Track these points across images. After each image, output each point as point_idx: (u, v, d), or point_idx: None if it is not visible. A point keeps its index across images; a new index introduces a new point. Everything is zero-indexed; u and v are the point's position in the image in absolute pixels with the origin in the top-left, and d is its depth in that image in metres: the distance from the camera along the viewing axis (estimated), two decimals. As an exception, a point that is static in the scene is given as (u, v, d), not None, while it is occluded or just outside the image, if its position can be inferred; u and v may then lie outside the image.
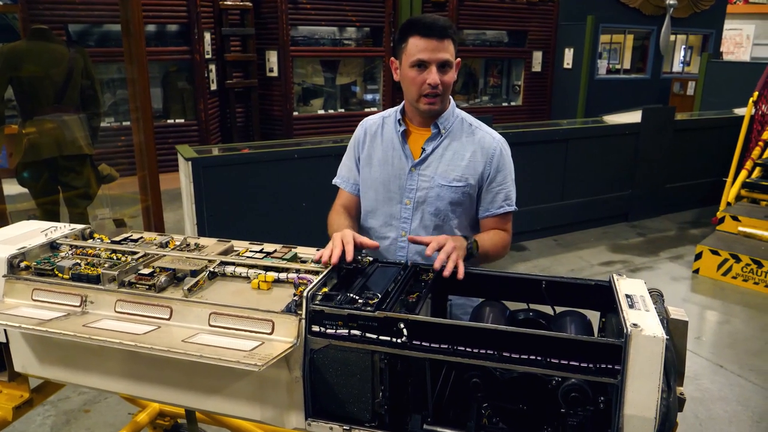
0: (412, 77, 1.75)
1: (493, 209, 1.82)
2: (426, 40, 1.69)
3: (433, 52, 1.70)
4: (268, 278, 1.47)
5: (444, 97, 1.77)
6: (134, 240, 1.74)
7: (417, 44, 1.71)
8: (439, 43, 1.69)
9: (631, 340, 1.16)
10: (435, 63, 1.71)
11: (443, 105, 1.79)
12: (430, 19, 1.71)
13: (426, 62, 1.71)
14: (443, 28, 1.70)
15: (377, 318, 1.28)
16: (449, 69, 1.73)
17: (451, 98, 1.88)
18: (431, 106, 1.76)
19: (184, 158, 4.10)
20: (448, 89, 1.76)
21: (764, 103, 6.14)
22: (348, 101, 9.90)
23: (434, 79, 1.71)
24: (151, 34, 8.14)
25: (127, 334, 1.31)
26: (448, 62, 1.72)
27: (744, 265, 4.89)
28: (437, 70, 1.71)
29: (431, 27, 1.69)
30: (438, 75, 1.71)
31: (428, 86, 1.72)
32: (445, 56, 1.70)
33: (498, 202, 1.82)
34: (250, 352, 1.24)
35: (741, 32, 21.16)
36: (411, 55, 1.72)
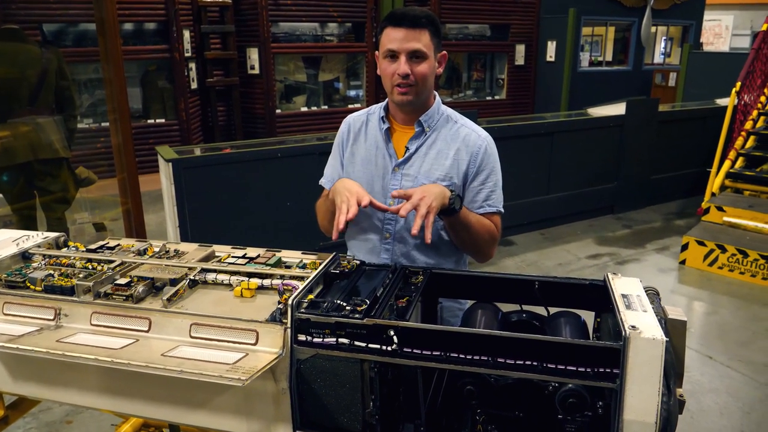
0: (384, 68, 1.70)
1: (476, 208, 1.77)
2: (396, 29, 1.64)
3: (402, 41, 1.64)
4: (251, 285, 1.41)
5: (419, 89, 1.69)
6: (111, 248, 1.67)
7: (389, 34, 1.66)
8: (409, 32, 1.63)
9: (630, 343, 1.12)
10: (404, 53, 1.64)
11: (419, 97, 1.71)
12: (404, 10, 1.67)
13: (396, 52, 1.65)
14: (415, 17, 1.64)
15: (366, 325, 1.22)
16: (422, 60, 1.66)
17: (437, 95, 1.82)
18: (403, 96, 1.69)
19: (164, 159, 4.01)
20: (422, 80, 1.68)
21: (746, 93, 6.17)
22: (331, 98, 9.82)
23: (403, 69, 1.64)
24: (129, 33, 8.00)
25: (104, 349, 1.25)
26: (418, 52, 1.64)
27: (730, 255, 4.90)
28: (408, 59, 1.64)
29: (403, 16, 1.64)
30: (409, 65, 1.65)
31: (398, 76, 1.66)
32: (415, 45, 1.63)
33: (478, 202, 1.76)
34: (233, 365, 1.18)
35: (720, 23, 21.38)
36: (383, 45, 1.68)
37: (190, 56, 8.13)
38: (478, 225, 1.72)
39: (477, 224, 1.72)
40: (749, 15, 21.44)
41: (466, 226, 1.69)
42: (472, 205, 1.77)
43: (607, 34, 12.49)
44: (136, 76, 8.14)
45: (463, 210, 1.67)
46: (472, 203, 1.77)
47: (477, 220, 1.73)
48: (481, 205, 1.77)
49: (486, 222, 1.76)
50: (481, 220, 1.74)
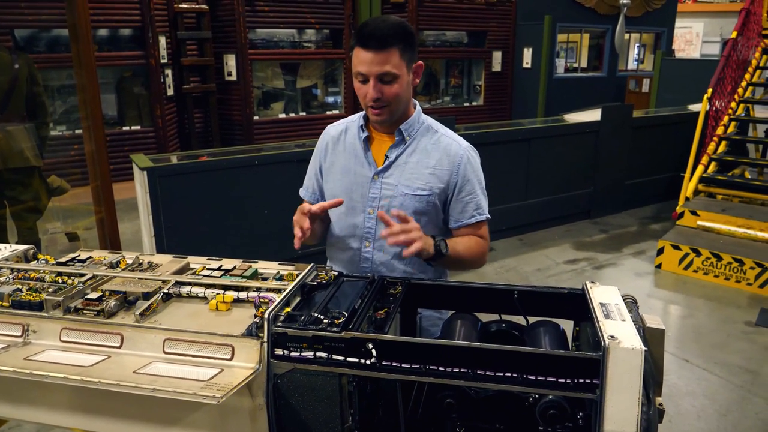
0: (357, 88, 1.68)
1: (464, 219, 1.76)
2: (365, 51, 1.59)
3: (371, 64, 1.59)
4: (226, 298, 1.39)
5: (393, 108, 1.67)
6: (82, 260, 1.63)
7: (358, 55, 1.61)
8: (377, 55, 1.58)
9: (609, 353, 1.12)
10: (374, 76, 1.60)
11: (394, 115, 1.70)
12: (372, 27, 1.60)
13: (365, 75, 1.61)
14: (383, 38, 1.57)
15: (344, 339, 1.21)
16: (393, 81, 1.62)
17: (417, 104, 1.81)
18: (377, 117, 1.68)
19: (139, 168, 3.94)
20: (395, 100, 1.65)
21: (717, 99, 6.29)
22: (309, 104, 9.78)
23: (371, 94, 1.61)
24: (103, 39, 7.88)
25: (73, 366, 1.21)
26: (388, 74, 1.60)
27: (704, 258, 4.98)
28: (378, 82, 1.61)
29: (370, 37, 1.58)
30: (379, 87, 1.61)
31: (370, 99, 1.64)
32: (384, 69, 1.59)
33: (469, 211, 1.76)
34: (207, 382, 1.15)
35: (691, 30, 21.82)
36: (354, 65, 1.64)
37: (166, 62, 8.03)
38: (467, 252, 1.72)
39: (466, 252, 1.72)
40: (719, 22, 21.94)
41: (458, 259, 1.70)
42: (462, 216, 1.76)
43: (582, 41, 12.67)
44: (111, 82, 8.02)
45: (451, 246, 1.65)
46: (462, 214, 1.76)
47: (466, 247, 1.72)
48: (472, 214, 1.76)
49: (474, 243, 1.75)
50: (470, 246, 1.73)
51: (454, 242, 1.69)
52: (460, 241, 1.72)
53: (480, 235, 1.78)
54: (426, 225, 1.74)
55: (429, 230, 1.77)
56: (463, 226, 1.76)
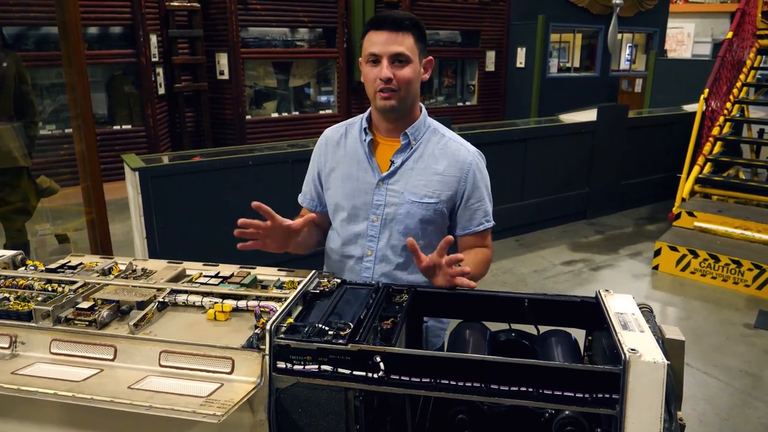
0: (366, 73, 1.63)
1: (472, 227, 1.70)
2: (378, 32, 1.58)
3: (384, 45, 1.57)
4: (225, 308, 1.32)
5: (403, 94, 1.61)
6: (73, 267, 1.56)
7: (371, 38, 1.60)
8: (391, 35, 1.57)
9: (630, 366, 1.07)
10: (386, 56, 1.58)
11: (403, 103, 1.63)
12: (387, 12, 1.62)
13: (378, 56, 1.58)
14: (398, 20, 1.58)
15: (350, 351, 1.15)
16: (405, 64, 1.59)
17: (423, 107, 1.74)
18: (386, 102, 1.61)
19: (130, 168, 3.86)
20: (406, 85, 1.60)
21: (713, 99, 6.28)
22: (302, 103, 9.71)
23: (385, 73, 1.57)
24: (93, 37, 7.77)
25: (64, 381, 1.14)
26: (401, 55, 1.58)
27: (702, 260, 4.96)
28: (390, 63, 1.58)
29: (385, 19, 1.59)
30: (392, 69, 1.58)
31: (380, 81, 1.58)
32: (397, 49, 1.57)
33: (477, 219, 1.70)
34: (207, 398, 1.09)
35: (682, 30, 21.91)
36: (365, 49, 1.61)
37: (158, 61, 7.93)
38: (476, 268, 1.65)
39: (475, 268, 1.65)
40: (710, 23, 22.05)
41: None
42: (469, 224, 1.70)
43: (575, 41, 12.66)
44: (101, 81, 7.91)
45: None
46: (470, 221, 1.70)
47: (475, 263, 1.65)
48: (480, 222, 1.70)
49: (481, 257, 1.70)
50: (477, 261, 1.67)
51: (464, 262, 1.60)
52: (471, 260, 1.65)
53: (485, 245, 1.73)
54: (432, 234, 1.68)
55: (435, 239, 1.71)
56: (470, 234, 1.70)
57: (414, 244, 1.46)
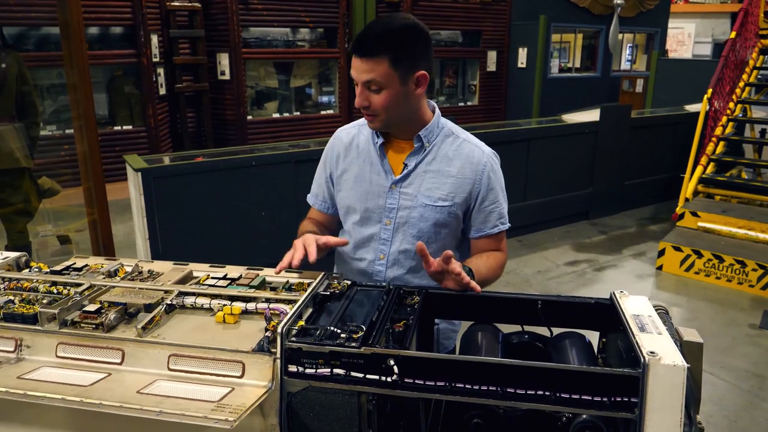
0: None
1: (487, 229, 1.67)
2: (354, 56, 1.52)
3: (356, 70, 1.52)
4: (234, 310, 1.30)
5: (383, 117, 1.57)
6: (78, 269, 1.54)
7: (352, 58, 1.54)
8: (362, 63, 1.50)
9: (650, 370, 1.05)
10: (360, 83, 1.53)
11: (388, 124, 1.60)
12: (365, 31, 1.52)
13: (355, 80, 1.55)
14: (371, 46, 1.48)
15: (363, 354, 1.12)
16: (380, 90, 1.52)
17: (437, 107, 1.70)
18: (370, 124, 1.62)
19: (133, 169, 3.84)
20: (383, 110, 1.54)
21: (717, 99, 6.26)
22: (303, 104, 9.68)
23: (357, 101, 1.55)
24: (94, 37, 7.75)
25: (71, 386, 1.12)
26: (372, 82, 1.50)
27: (706, 260, 4.94)
28: (364, 89, 1.53)
29: (360, 41, 1.50)
30: (366, 95, 1.53)
31: (357, 105, 1.57)
32: (368, 77, 1.50)
33: (492, 221, 1.67)
34: (218, 403, 1.07)
35: (683, 30, 21.89)
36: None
37: (159, 61, 7.91)
38: (489, 272, 1.62)
39: (489, 272, 1.62)
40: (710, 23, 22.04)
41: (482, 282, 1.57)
42: (484, 226, 1.67)
43: (576, 41, 12.64)
44: (101, 81, 7.88)
45: (476, 271, 1.53)
46: (484, 224, 1.68)
47: (488, 268, 1.62)
48: (495, 224, 1.68)
49: (494, 262, 1.66)
50: (491, 266, 1.64)
51: (476, 265, 1.57)
52: (483, 263, 1.61)
53: (500, 248, 1.70)
54: (446, 237, 1.66)
55: (449, 242, 1.69)
56: (484, 237, 1.68)
57: (423, 249, 1.43)
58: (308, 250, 1.46)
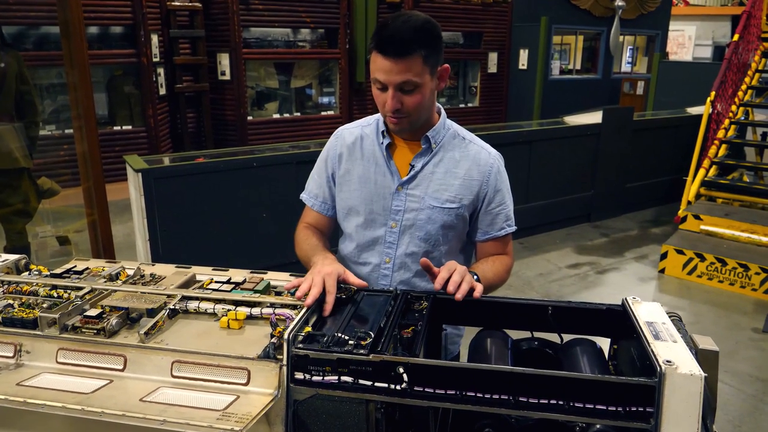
0: (376, 95, 1.54)
1: (494, 232, 1.65)
2: (383, 58, 1.44)
3: (389, 73, 1.45)
4: (239, 315, 1.27)
5: (413, 118, 1.54)
6: (78, 272, 1.51)
7: (376, 61, 1.47)
8: (395, 64, 1.43)
9: (666, 379, 1.02)
10: (393, 85, 1.47)
11: (415, 125, 1.57)
12: (393, 30, 1.44)
13: (383, 84, 1.48)
14: (403, 44, 1.42)
15: (372, 362, 1.10)
16: (414, 90, 1.48)
17: (442, 109, 1.68)
18: (396, 126, 1.56)
19: (133, 170, 3.81)
20: (415, 110, 1.51)
21: (719, 102, 6.24)
22: (304, 105, 9.66)
23: (390, 105, 1.48)
24: (94, 37, 7.72)
25: (72, 393, 1.09)
26: (408, 83, 1.46)
27: (708, 263, 4.92)
28: (397, 92, 1.48)
29: (390, 42, 1.43)
30: (399, 96, 1.48)
31: (388, 110, 1.51)
32: (404, 78, 1.45)
33: (499, 223, 1.65)
34: (223, 411, 1.04)
35: (683, 33, 21.91)
36: (372, 72, 1.50)
37: (159, 61, 7.88)
38: (495, 277, 1.60)
39: (495, 277, 1.59)
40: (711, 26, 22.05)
41: (488, 289, 1.56)
42: (491, 228, 1.65)
43: (577, 43, 12.63)
44: (101, 81, 7.85)
45: (482, 276, 1.51)
46: (491, 226, 1.65)
47: (494, 273, 1.59)
48: (501, 226, 1.65)
49: (500, 266, 1.63)
50: (497, 271, 1.61)
51: (482, 271, 1.55)
52: (488, 268, 1.59)
53: (506, 252, 1.68)
54: (452, 240, 1.63)
55: (455, 246, 1.66)
56: (491, 239, 1.65)
57: (428, 263, 1.41)
58: (327, 300, 1.29)
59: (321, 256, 1.51)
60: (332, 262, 1.44)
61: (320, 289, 1.30)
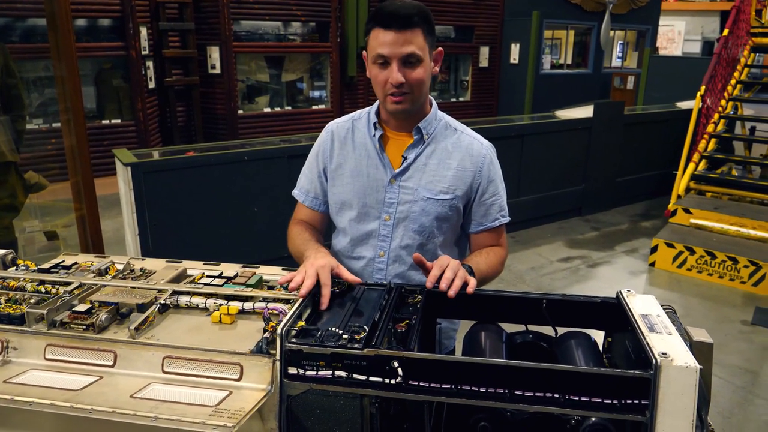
0: (375, 75, 1.52)
1: (488, 222, 1.64)
2: (386, 32, 1.45)
3: (393, 45, 1.45)
4: (231, 310, 1.25)
5: (415, 96, 1.53)
6: (67, 267, 1.48)
7: (377, 37, 1.47)
8: (400, 35, 1.45)
9: (662, 371, 1.02)
10: (397, 58, 1.46)
11: (415, 104, 1.56)
12: (393, 6, 1.47)
13: (387, 58, 1.47)
14: (407, 17, 1.45)
15: (366, 356, 1.09)
16: (417, 64, 1.48)
17: (434, 100, 1.66)
18: (397, 105, 1.53)
19: (122, 163, 3.77)
20: (418, 86, 1.52)
21: (709, 96, 6.27)
22: (295, 98, 9.61)
23: (396, 77, 1.47)
24: (82, 29, 7.63)
25: (61, 390, 1.07)
26: (413, 56, 1.47)
27: (698, 257, 4.94)
28: (401, 65, 1.47)
29: (392, 16, 1.45)
30: (403, 71, 1.47)
31: (391, 85, 1.49)
32: (408, 50, 1.46)
33: (493, 214, 1.64)
34: (216, 407, 1.03)
35: (673, 28, 22.01)
36: (372, 49, 1.50)
37: (148, 54, 7.81)
38: (490, 269, 1.58)
39: (489, 269, 1.58)
40: (700, 21, 22.18)
41: (482, 281, 1.55)
42: (485, 219, 1.64)
43: (568, 38, 12.65)
44: (89, 74, 7.77)
45: (476, 269, 1.50)
46: (485, 217, 1.64)
47: (488, 265, 1.58)
48: (495, 217, 1.64)
49: (494, 258, 1.62)
50: (491, 263, 1.60)
51: (476, 263, 1.53)
52: (483, 260, 1.58)
53: (500, 243, 1.67)
54: (447, 232, 1.62)
55: (449, 238, 1.65)
56: (485, 230, 1.64)
57: (420, 259, 1.40)
58: (322, 293, 1.28)
59: (314, 249, 1.49)
60: (325, 255, 1.43)
61: (314, 280, 1.29)
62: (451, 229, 1.63)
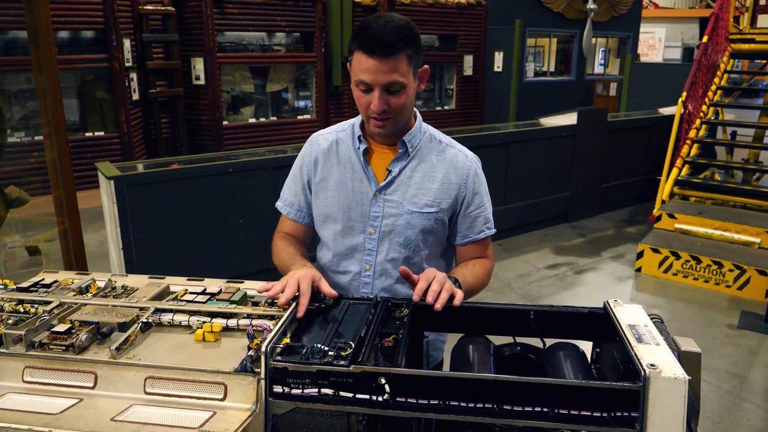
0: (358, 97, 1.50)
1: (473, 235, 1.63)
2: (368, 58, 1.41)
3: (375, 73, 1.41)
4: (214, 327, 1.23)
5: (398, 120, 1.52)
6: (46, 285, 1.45)
7: (360, 62, 1.43)
8: (382, 63, 1.40)
9: (650, 383, 1.02)
10: (379, 86, 1.43)
11: (398, 126, 1.54)
12: (377, 30, 1.40)
13: (369, 85, 1.44)
14: (390, 44, 1.39)
15: (353, 373, 1.07)
16: (400, 91, 1.45)
17: (418, 113, 1.65)
18: (380, 129, 1.52)
19: (105, 177, 3.73)
20: (401, 112, 1.49)
21: (690, 102, 6.35)
22: (280, 109, 9.59)
23: (377, 105, 1.44)
24: (64, 41, 7.57)
25: (39, 414, 1.04)
26: (395, 84, 1.43)
27: (684, 261, 4.98)
28: (383, 92, 1.44)
29: (375, 41, 1.39)
30: (385, 98, 1.45)
31: (373, 110, 1.47)
32: (390, 78, 1.42)
33: (478, 226, 1.63)
34: (200, 428, 1.01)
35: (654, 35, 22.30)
36: (355, 74, 1.46)
37: (131, 66, 7.75)
38: (476, 281, 1.58)
39: (475, 281, 1.57)
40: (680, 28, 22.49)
41: (469, 293, 1.54)
42: (470, 231, 1.63)
43: (551, 45, 12.77)
44: (72, 86, 7.69)
45: (462, 281, 1.49)
46: (470, 229, 1.63)
47: (475, 277, 1.58)
48: (480, 229, 1.64)
49: (480, 270, 1.61)
50: (478, 275, 1.59)
51: (463, 275, 1.53)
52: (469, 272, 1.57)
53: (486, 255, 1.66)
54: (432, 244, 1.61)
55: (435, 251, 1.64)
56: (470, 243, 1.63)
57: (407, 272, 1.39)
58: (300, 302, 1.27)
59: (300, 263, 1.48)
60: (309, 268, 1.42)
61: (294, 290, 1.28)
62: (436, 241, 1.62)
